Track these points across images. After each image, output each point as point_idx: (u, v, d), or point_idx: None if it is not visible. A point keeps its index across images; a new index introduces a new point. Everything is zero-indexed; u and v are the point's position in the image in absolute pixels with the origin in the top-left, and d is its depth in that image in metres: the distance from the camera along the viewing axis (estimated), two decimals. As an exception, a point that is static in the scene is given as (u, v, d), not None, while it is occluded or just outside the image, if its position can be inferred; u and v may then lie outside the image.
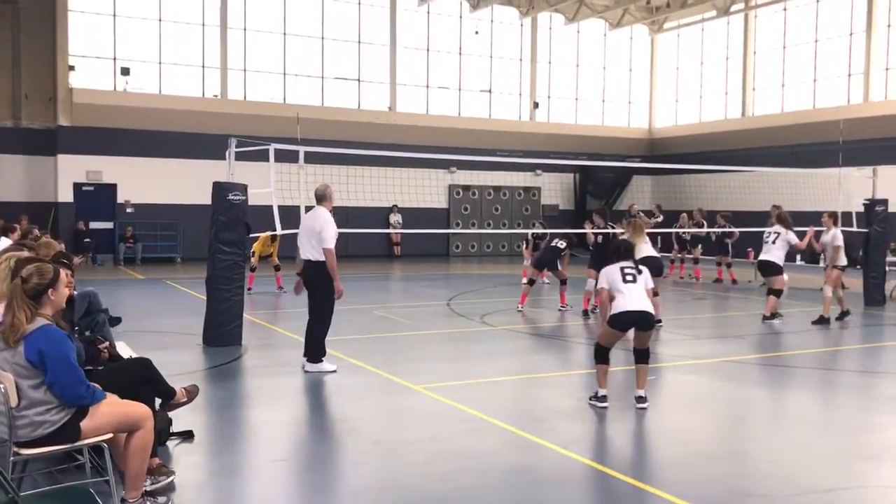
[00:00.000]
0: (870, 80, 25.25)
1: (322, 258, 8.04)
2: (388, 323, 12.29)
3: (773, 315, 12.09)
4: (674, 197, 28.15)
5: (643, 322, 6.96)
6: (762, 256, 12.58)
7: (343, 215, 21.98)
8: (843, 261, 12.58)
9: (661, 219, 21.37)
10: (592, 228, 13.26)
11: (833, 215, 12.96)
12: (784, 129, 26.55)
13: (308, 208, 8.69)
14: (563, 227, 21.84)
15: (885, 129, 23.69)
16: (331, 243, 8.03)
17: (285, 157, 10.70)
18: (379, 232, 25.05)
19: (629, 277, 6.99)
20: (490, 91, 29.91)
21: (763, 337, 11.36)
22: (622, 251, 7.27)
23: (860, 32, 25.53)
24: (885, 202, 15.04)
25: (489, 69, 29.83)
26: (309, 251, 8.11)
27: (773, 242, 12.36)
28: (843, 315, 12.58)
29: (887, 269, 17.33)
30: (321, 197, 8.37)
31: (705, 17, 29.64)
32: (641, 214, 17.98)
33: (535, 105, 30.59)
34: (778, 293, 12.25)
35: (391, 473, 5.34)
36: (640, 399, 7.03)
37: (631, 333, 7.16)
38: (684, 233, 19.58)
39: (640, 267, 7.21)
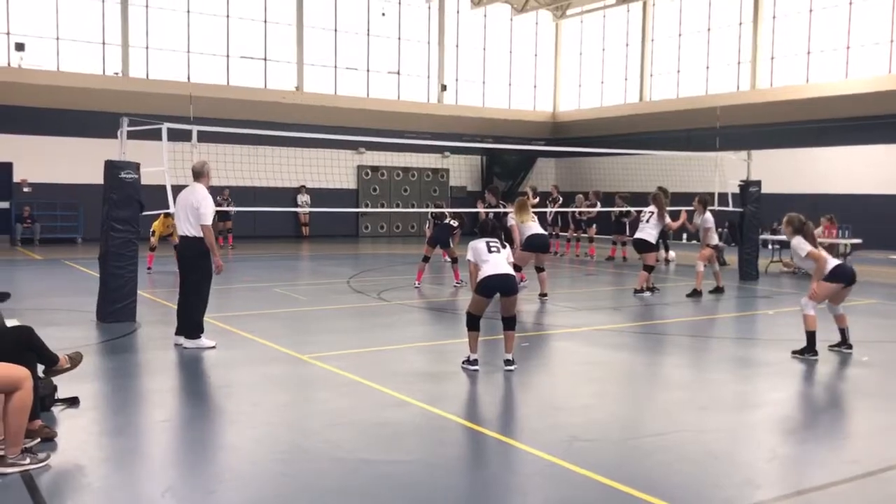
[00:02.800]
0: (756, 68, 26.69)
1: (199, 234, 8.30)
2: (286, 300, 12.63)
3: (644, 289, 13.01)
4: (577, 179, 29.18)
5: (506, 286, 7.55)
6: (637, 234, 13.50)
7: (250, 195, 22.25)
8: (713, 240, 13.66)
9: (560, 200, 22.20)
10: (484, 206, 13.87)
11: (703, 199, 13.96)
12: (679, 113, 27.84)
13: (181, 187, 8.82)
14: (471, 208, 22.47)
15: (764, 114, 25.18)
16: (208, 220, 8.29)
17: (185, 136, 10.90)
18: (284, 211, 25.18)
19: (493, 249, 7.62)
20: (398, 73, 30.26)
21: (639, 308, 12.22)
22: (489, 229, 7.88)
23: (748, 23, 26.93)
24: (758, 183, 16.16)
25: (397, 51, 30.16)
26: (186, 227, 8.35)
27: (647, 221, 13.28)
28: (717, 290, 13.58)
29: (770, 247, 18.67)
30: (198, 173, 8.60)
31: (606, 5, 30.69)
32: (530, 193, 18.68)
33: (443, 88, 31.12)
34: (650, 269, 13.16)
35: (264, 430, 5.77)
36: (508, 362, 7.65)
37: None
38: (580, 213, 20.47)
39: (505, 244, 7.87)
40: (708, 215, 13.84)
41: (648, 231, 13.23)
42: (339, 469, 4.94)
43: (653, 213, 13.28)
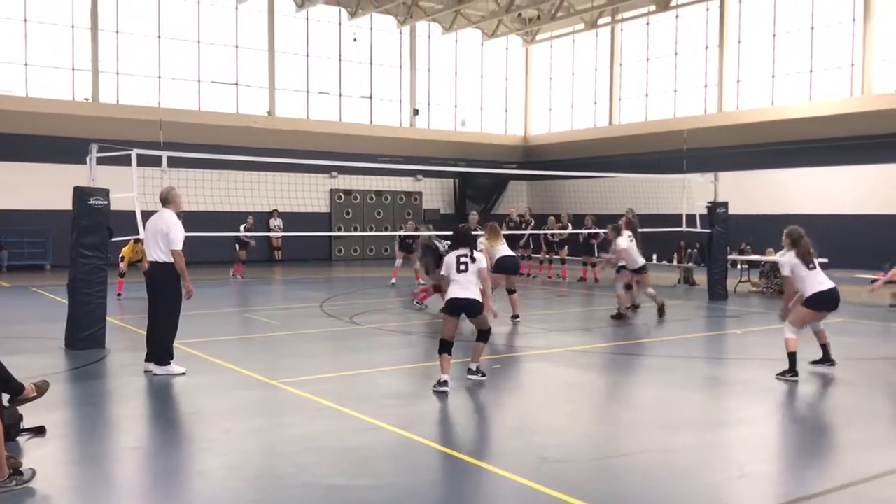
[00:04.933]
0: (723, 91, 27.17)
1: (169, 260, 8.29)
2: (258, 325, 12.58)
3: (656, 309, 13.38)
4: (548, 201, 29.41)
5: (470, 309, 7.73)
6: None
7: (222, 220, 22.15)
8: (632, 263, 13.34)
9: (532, 222, 22.34)
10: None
11: (616, 227, 13.75)
12: (647, 136, 28.22)
13: (151, 213, 8.79)
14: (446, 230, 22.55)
15: (731, 137, 25.63)
16: (178, 245, 8.29)
17: (156, 161, 10.88)
18: (259, 235, 25.06)
19: (462, 267, 7.77)
20: (371, 97, 30.41)
21: (610, 329, 12.32)
22: (460, 238, 8.01)
23: (714, 47, 27.44)
24: (725, 205, 16.41)
25: (369, 76, 30.33)
26: (156, 253, 8.34)
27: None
28: (632, 307, 13.73)
29: (739, 267, 18.91)
30: (165, 200, 8.60)
31: (576, 30, 31.10)
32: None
33: (416, 112, 31.30)
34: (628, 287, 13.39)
35: (235, 456, 5.74)
36: (470, 371, 7.89)
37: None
38: (552, 235, 20.62)
39: (475, 255, 7.91)
40: (621, 240, 13.34)
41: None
42: (310, 495, 4.93)
43: (632, 237, 13.49)
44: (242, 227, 20.86)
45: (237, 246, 21.07)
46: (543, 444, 6.11)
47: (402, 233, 19.25)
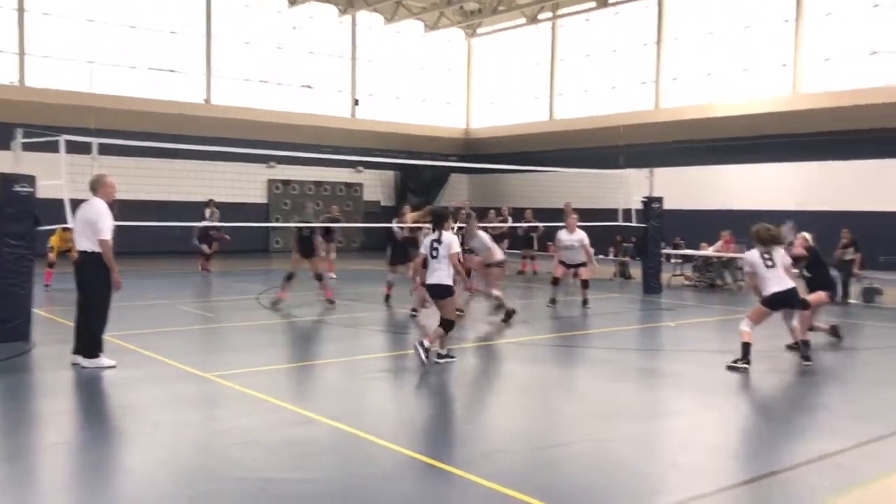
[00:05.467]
0: (659, 88, 27.65)
1: (98, 249, 8.04)
2: (191, 317, 12.32)
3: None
4: (489, 195, 29.53)
5: (433, 292, 8.52)
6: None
7: (154, 209, 21.63)
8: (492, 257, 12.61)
9: (473, 216, 22.36)
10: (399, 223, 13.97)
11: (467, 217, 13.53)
12: (586, 131, 28.54)
13: (81, 201, 8.50)
14: (387, 223, 22.43)
15: (667, 133, 26.10)
16: (107, 234, 8.03)
17: (86, 148, 10.52)
18: (191, 225, 24.56)
19: (434, 252, 8.37)
20: (311, 87, 30.05)
21: (548, 322, 12.43)
22: (434, 220, 8.59)
23: (652, 44, 27.89)
24: (660, 200, 16.71)
25: (310, 65, 29.96)
26: (84, 242, 8.08)
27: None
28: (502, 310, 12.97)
29: (673, 261, 19.28)
30: (94, 187, 8.32)
31: (517, 24, 31.25)
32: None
33: (356, 102, 31.05)
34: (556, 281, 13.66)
35: (166, 450, 5.60)
36: (439, 356, 8.46)
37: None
38: (491, 229, 20.66)
39: (444, 238, 8.37)
40: (481, 235, 12.45)
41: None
42: (244, 489, 4.83)
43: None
44: (207, 212, 19.92)
45: (197, 240, 19.99)
46: (482, 436, 6.12)
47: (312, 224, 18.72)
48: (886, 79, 22.19)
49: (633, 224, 16.50)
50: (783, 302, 8.64)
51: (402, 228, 14.00)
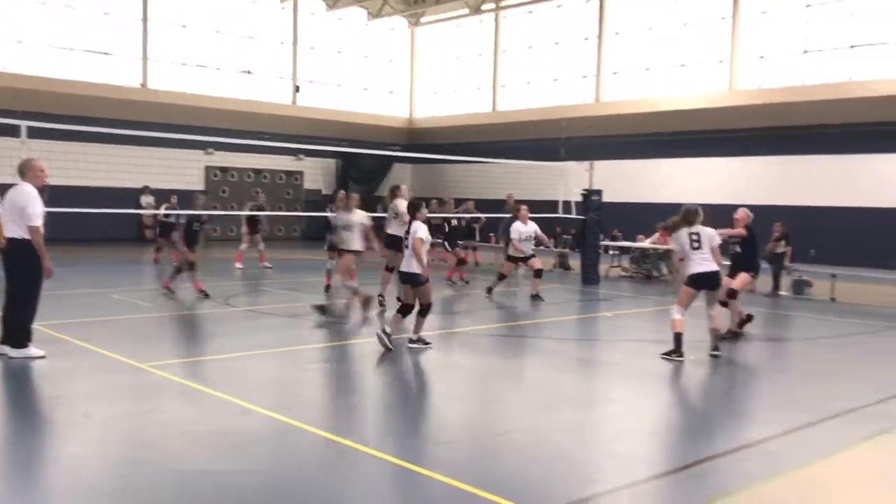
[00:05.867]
0: (600, 82, 27.98)
1: (27, 236, 7.77)
2: (125, 306, 12.03)
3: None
4: (432, 185, 29.50)
5: (405, 279, 8.87)
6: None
7: (88, 196, 21.03)
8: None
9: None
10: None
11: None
12: (528, 123, 28.73)
13: (9, 185, 8.20)
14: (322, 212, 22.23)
15: (607, 126, 26.46)
16: (36, 220, 7.76)
17: (14, 131, 10.16)
18: (120, 212, 24.01)
19: (406, 242, 8.81)
20: (251, 72, 29.56)
21: (487, 312, 12.50)
22: (412, 209, 9.01)
23: (593, 38, 28.19)
24: (599, 192, 16.93)
25: (250, 50, 29.46)
26: (12, 229, 7.80)
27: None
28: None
29: (610, 252, 19.58)
30: (23, 172, 8.03)
31: (460, 14, 31.24)
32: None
33: (297, 89, 30.67)
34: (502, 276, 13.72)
35: (97, 442, 5.46)
36: (411, 340, 8.87)
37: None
38: (433, 219, 20.67)
39: (411, 228, 8.84)
40: (353, 220, 11.60)
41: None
42: (177, 481, 4.73)
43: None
44: (164, 206, 18.75)
45: (158, 229, 18.38)
46: (422, 426, 6.13)
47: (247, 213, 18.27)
48: (818, 77, 22.89)
49: (573, 216, 16.69)
50: (705, 282, 8.75)
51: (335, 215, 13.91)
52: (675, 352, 8.61)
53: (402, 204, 11.51)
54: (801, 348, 10.40)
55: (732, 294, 10.15)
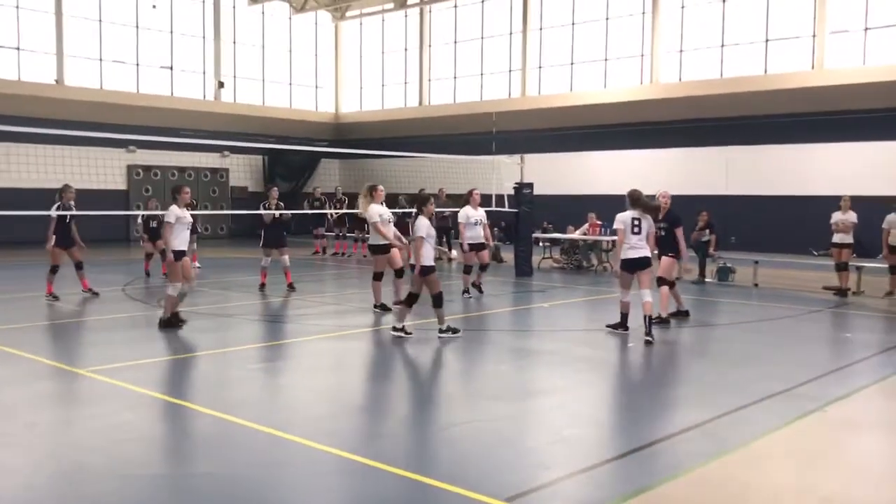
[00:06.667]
0: (526, 76, 28.33)
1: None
2: (54, 310, 11.66)
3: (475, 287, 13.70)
4: (360, 180, 29.27)
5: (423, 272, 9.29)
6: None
7: (5, 197, 20.23)
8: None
9: (346, 200, 22.28)
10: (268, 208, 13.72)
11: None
12: (457, 118, 28.87)
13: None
14: (254, 209, 21.89)
15: (535, 120, 26.82)
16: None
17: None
18: (39, 214, 23.18)
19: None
20: (171, 68, 28.86)
21: (426, 307, 12.52)
22: (417, 204, 9.48)
23: (518, 33, 28.51)
24: (530, 185, 17.18)
25: (170, 45, 28.75)
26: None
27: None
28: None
29: (542, 244, 19.87)
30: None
31: (385, 9, 31.14)
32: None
33: (221, 84, 30.09)
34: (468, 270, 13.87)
35: (42, 451, 5.32)
36: (440, 331, 9.41)
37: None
38: (361, 214, 20.59)
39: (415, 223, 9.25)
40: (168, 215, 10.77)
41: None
42: (128, 486, 4.65)
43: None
44: (150, 207, 17.24)
45: (146, 235, 16.57)
46: (369, 420, 6.15)
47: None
48: (735, 70, 23.69)
49: (506, 209, 16.90)
50: (635, 266, 9.44)
51: (268, 211, 13.87)
52: (621, 325, 9.67)
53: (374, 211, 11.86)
54: (730, 333, 10.80)
55: (663, 282, 10.57)
